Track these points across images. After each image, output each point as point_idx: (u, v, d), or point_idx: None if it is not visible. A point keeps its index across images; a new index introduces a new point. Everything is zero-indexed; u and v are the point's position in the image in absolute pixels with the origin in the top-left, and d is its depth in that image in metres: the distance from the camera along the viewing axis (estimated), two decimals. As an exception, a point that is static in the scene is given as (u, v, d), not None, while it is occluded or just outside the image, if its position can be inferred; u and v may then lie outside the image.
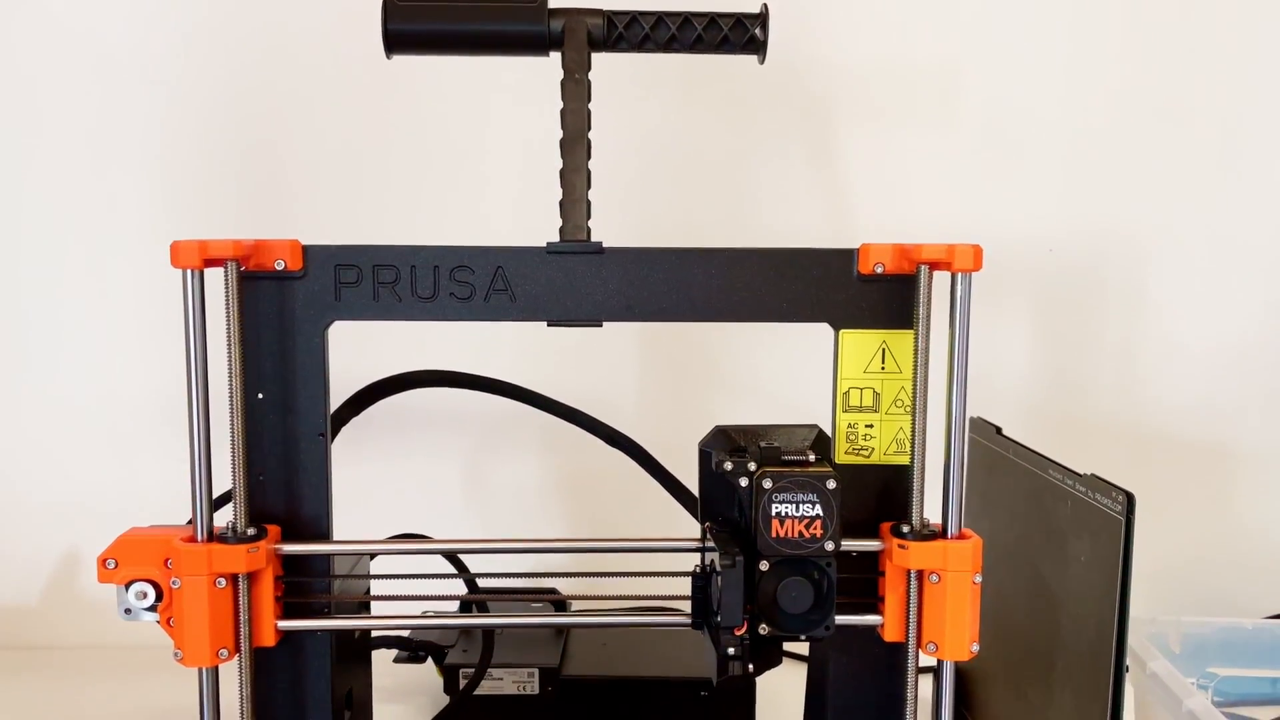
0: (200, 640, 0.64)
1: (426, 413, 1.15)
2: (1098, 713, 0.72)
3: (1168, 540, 1.20)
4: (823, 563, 0.63)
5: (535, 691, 0.96)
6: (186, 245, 0.63)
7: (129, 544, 0.66)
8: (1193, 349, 1.22)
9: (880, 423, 0.70)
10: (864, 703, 0.72)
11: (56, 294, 1.18)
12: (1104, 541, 0.72)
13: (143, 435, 1.19)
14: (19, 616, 1.20)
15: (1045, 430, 1.19)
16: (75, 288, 1.18)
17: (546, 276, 0.68)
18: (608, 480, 0.95)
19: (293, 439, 0.68)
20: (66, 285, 1.18)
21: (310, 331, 0.68)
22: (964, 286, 0.65)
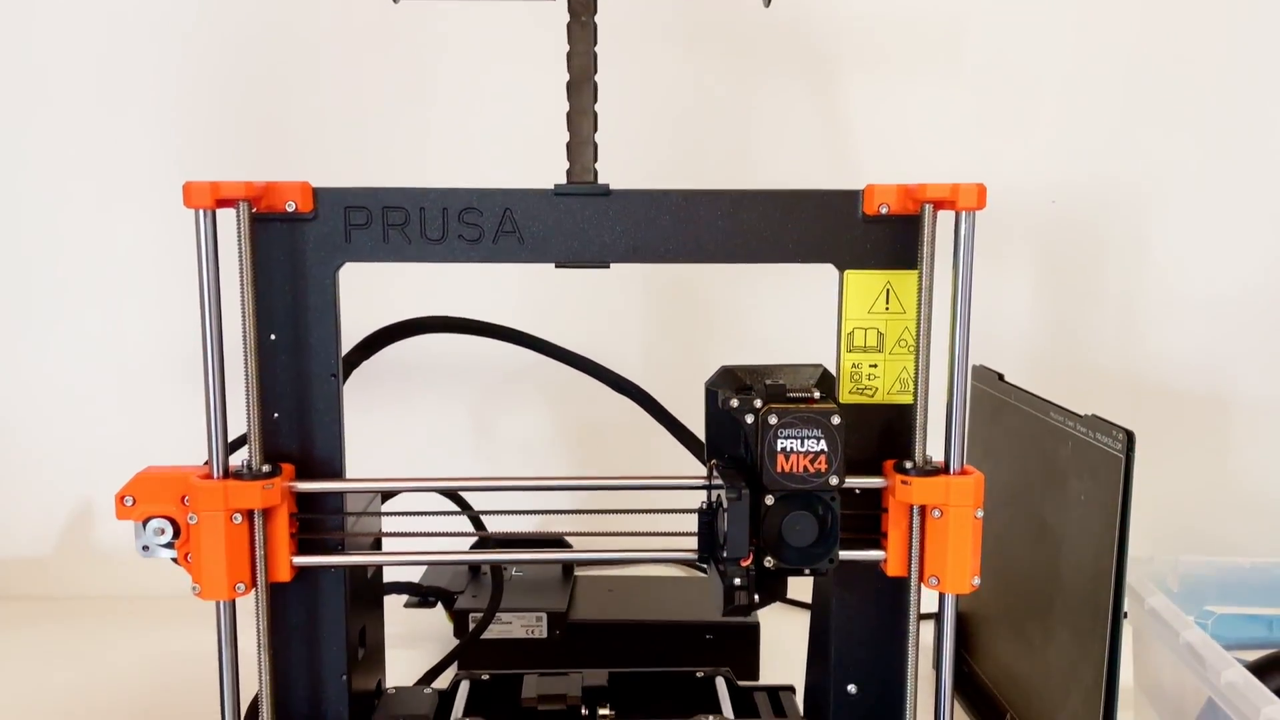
0: (218, 575, 0.66)
1: (435, 361, 1.16)
2: (1096, 649, 0.73)
3: (1165, 486, 1.21)
4: (827, 497, 0.64)
5: (544, 635, 0.97)
6: (199, 186, 0.63)
7: (146, 481, 0.67)
8: (1193, 299, 1.22)
9: (884, 362, 0.71)
10: (867, 639, 0.73)
11: (64, 242, 1.19)
12: (1104, 480, 0.74)
13: (154, 385, 1.20)
14: (35, 567, 1.22)
15: (1047, 379, 1.20)
16: (83, 235, 1.19)
17: (554, 218, 0.69)
18: (615, 428, 0.97)
19: (305, 379, 0.69)
20: (74, 233, 1.19)
21: (321, 273, 0.69)
22: (968, 225, 0.66)
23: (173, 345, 1.19)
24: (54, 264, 1.20)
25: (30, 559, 1.23)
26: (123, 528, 1.19)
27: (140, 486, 0.67)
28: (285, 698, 0.72)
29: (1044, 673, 0.83)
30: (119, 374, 1.21)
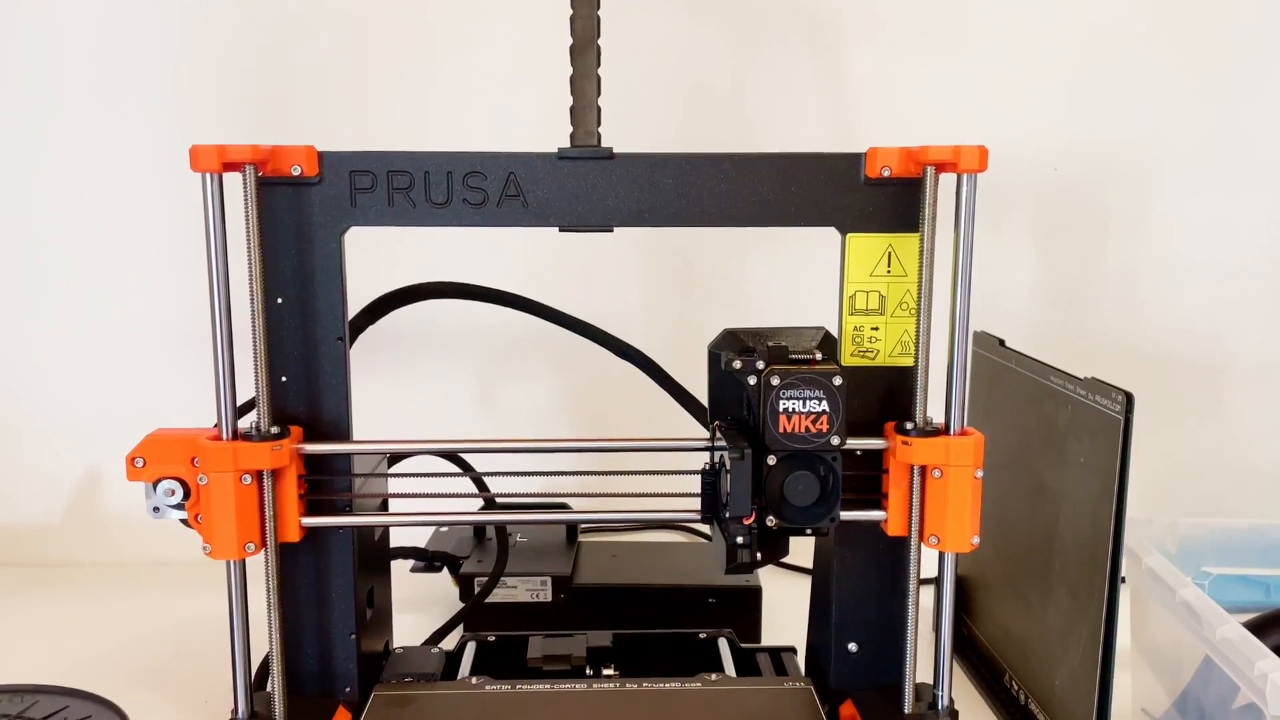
0: (228, 534, 0.67)
1: (440, 326, 1.16)
2: (1094, 609, 0.74)
3: (1164, 450, 1.22)
4: (828, 457, 0.65)
5: (548, 599, 0.99)
6: (205, 149, 0.64)
7: (156, 443, 0.68)
8: (1194, 266, 1.23)
9: (885, 325, 0.72)
10: (867, 598, 0.74)
11: (69, 211, 1.19)
12: (1103, 441, 0.74)
13: (160, 353, 1.21)
14: (43, 535, 1.23)
15: (1048, 345, 1.21)
16: (87, 203, 1.19)
17: (558, 182, 0.70)
18: (617, 392, 0.97)
19: (312, 342, 0.70)
20: (78, 201, 1.19)
21: (327, 237, 0.69)
22: (969, 188, 0.66)
23: (178, 313, 1.20)
24: (58, 233, 1.20)
25: (38, 527, 1.24)
26: (129, 495, 1.21)
27: (150, 448, 0.68)
28: (295, 656, 0.73)
29: (1042, 633, 0.84)
30: (124, 342, 1.21)
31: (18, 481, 1.22)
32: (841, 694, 0.75)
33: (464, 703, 0.73)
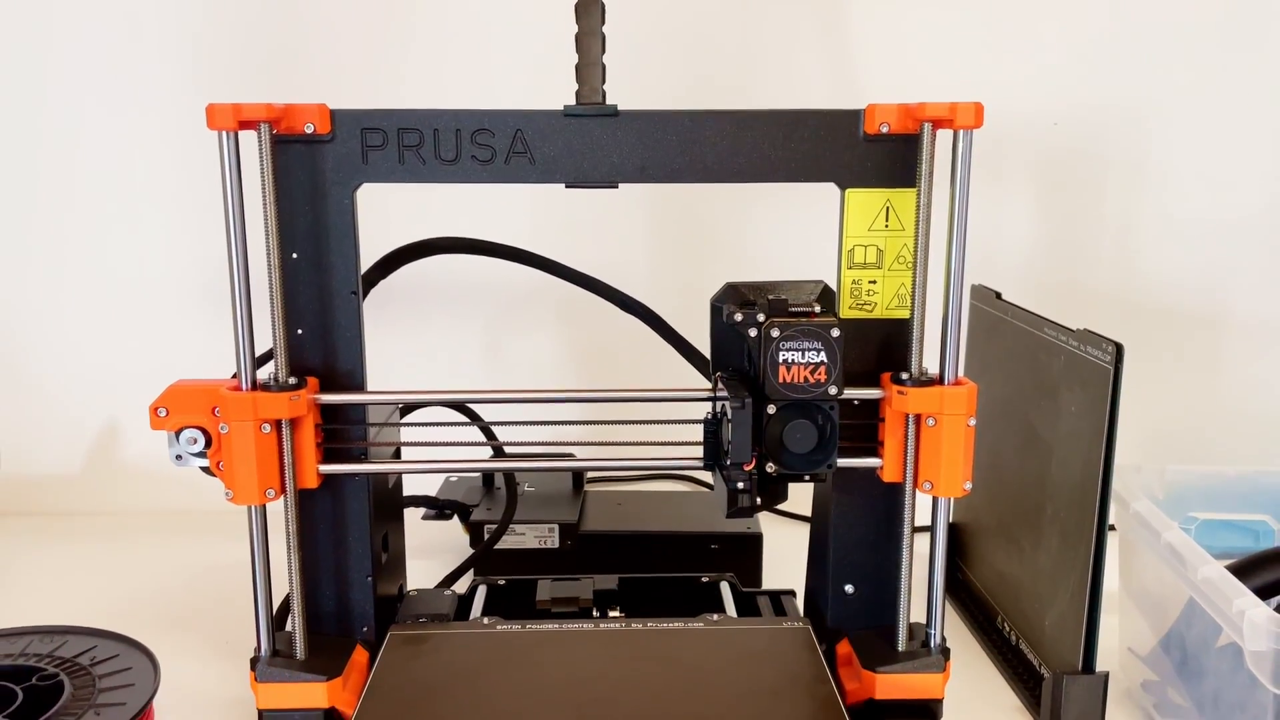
0: (249, 481, 0.69)
1: (448, 282, 1.18)
2: (1082, 553, 0.77)
3: (1159, 399, 1.24)
4: (826, 406, 0.67)
5: (555, 545, 1.02)
6: (221, 108, 0.65)
7: (178, 393, 0.71)
8: (1191, 220, 1.24)
9: (883, 278, 0.74)
10: (865, 538, 0.77)
11: (85, 164, 1.21)
12: (1093, 391, 0.77)
13: (174, 304, 1.23)
14: (62, 485, 1.27)
15: (1043, 299, 1.23)
16: (102, 156, 1.21)
17: (564, 139, 0.71)
18: (622, 345, 0.99)
19: (327, 296, 0.72)
20: (94, 154, 1.20)
21: (340, 193, 0.71)
22: (965, 143, 0.68)
23: (191, 265, 1.22)
24: (74, 187, 1.22)
25: (58, 477, 1.27)
26: (146, 446, 1.25)
27: (172, 398, 0.71)
28: (314, 598, 0.76)
29: (1033, 577, 0.87)
30: (138, 295, 1.23)
31: (37, 433, 1.25)
32: (838, 633, 0.79)
33: (476, 641, 0.76)
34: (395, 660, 0.74)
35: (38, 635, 0.81)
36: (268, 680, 0.72)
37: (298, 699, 0.72)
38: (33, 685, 0.74)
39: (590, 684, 0.71)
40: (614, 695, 0.70)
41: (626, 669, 0.73)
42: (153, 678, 0.75)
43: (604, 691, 0.70)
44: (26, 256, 1.23)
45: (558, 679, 0.72)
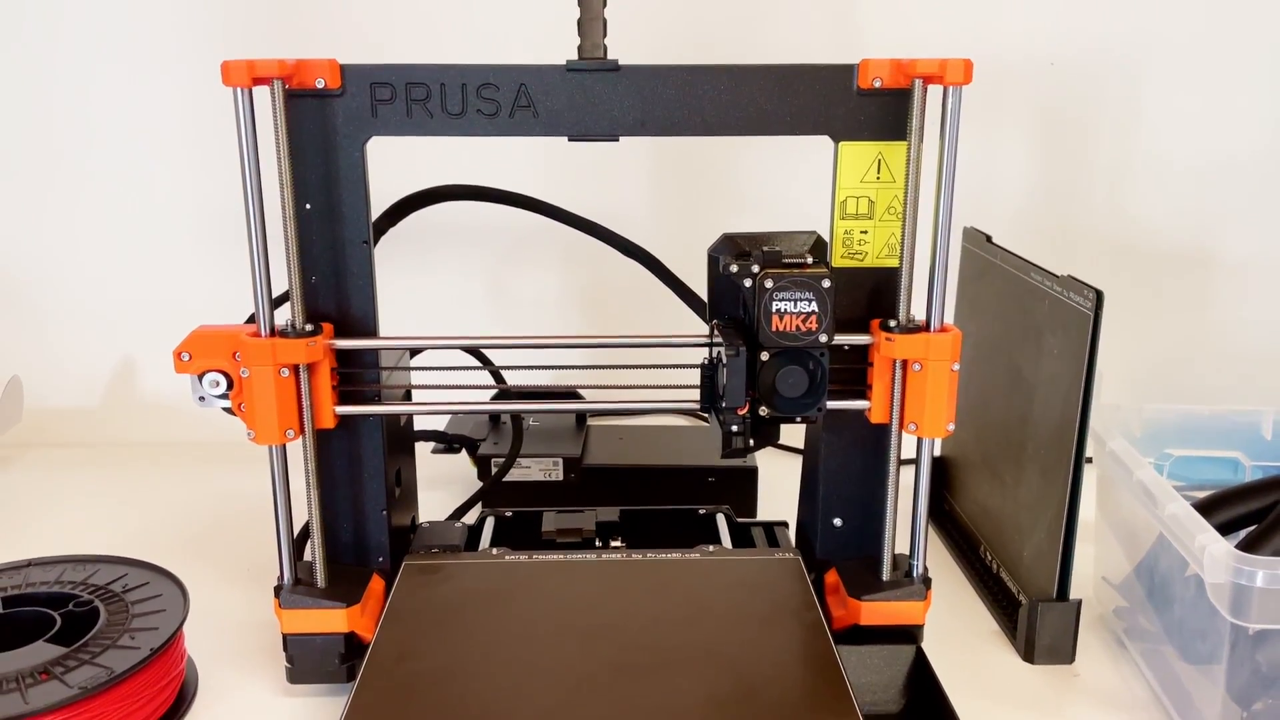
0: (270, 422, 0.73)
1: (453, 226, 1.21)
2: (1060, 487, 0.81)
3: (1147, 339, 1.28)
4: (817, 353, 0.71)
5: (560, 478, 1.06)
6: (236, 65, 0.68)
7: (201, 339, 0.74)
8: (1181, 162, 1.26)
9: (874, 229, 0.76)
10: (852, 475, 0.81)
11: (99, 109, 1.23)
12: (1075, 335, 0.80)
13: (186, 244, 1.26)
14: (82, 417, 1.31)
15: (1036, 239, 1.25)
16: (117, 102, 1.23)
17: (566, 93, 0.73)
18: (623, 287, 1.02)
19: (339, 245, 0.75)
20: (108, 99, 1.22)
21: (350, 146, 0.74)
22: (955, 99, 0.70)
23: (203, 206, 1.25)
24: (87, 128, 1.23)
25: (78, 409, 1.31)
26: (163, 379, 1.29)
27: (195, 343, 0.74)
28: (333, 530, 0.80)
29: (1014, 509, 0.91)
30: (152, 235, 1.26)
31: (58, 367, 1.29)
32: (827, 564, 0.83)
33: (486, 571, 0.81)
34: (410, 588, 0.78)
35: (71, 564, 0.86)
36: (291, 607, 0.76)
37: (320, 624, 0.76)
38: (70, 611, 0.79)
39: (592, 611, 0.76)
40: (615, 622, 0.74)
41: (626, 597, 0.78)
42: (182, 604, 0.80)
43: (605, 618, 0.75)
44: (43, 199, 1.26)
45: (562, 606, 0.76)
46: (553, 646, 0.72)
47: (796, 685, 0.68)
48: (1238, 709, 0.71)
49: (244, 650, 0.84)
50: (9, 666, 0.72)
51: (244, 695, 0.80)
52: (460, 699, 0.66)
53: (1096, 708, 0.79)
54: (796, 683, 0.68)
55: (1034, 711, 0.78)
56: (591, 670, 0.69)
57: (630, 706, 0.65)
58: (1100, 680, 0.82)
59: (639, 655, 0.70)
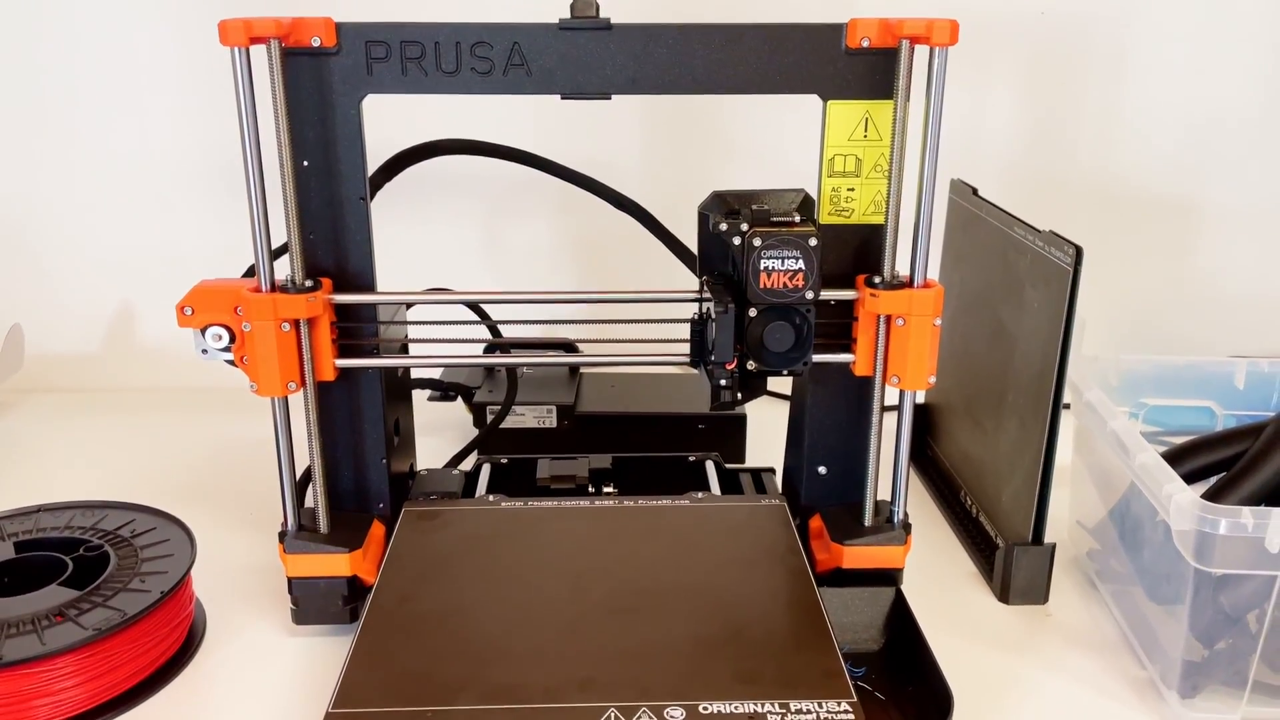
0: (272, 375, 0.75)
1: (448, 177, 1.22)
2: (1037, 436, 0.84)
3: (1130, 288, 1.30)
4: (803, 309, 0.73)
5: (553, 425, 1.09)
6: (234, 24, 0.68)
7: (203, 293, 0.76)
8: (1168, 112, 1.27)
9: (861, 186, 0.78)
10: (837, 425, 0.84)
11: (91, 56, 1.23)
12: (1054, 289, 0.82)
13: (182, 192, 1.27)
14: (83, 363, 1.33)
15: (1024, 188, 1.27)
16: (108, 49, 1.23)
17: (559, 52, 0.74)
18: (614, 235, 1.03)
19: (337, 202, 0.77)
20: (100, 46, 1.22)
21: (346, 104, 0.75)
22: (941, 60, 0.71)
23: (195, 153, 1.25)
24: (80, 75, 1.23)
25: (78, 355, 1.33)
26: (161, 326, 1.30)
27: (198, 298, 0.76)
28: (334, 478, 0.83)
29: (993, 456, 0.94)
30: (146, 182, 1.27)
31: (57, 314, 1.30)
32: (811, 509, 0.86)
33: (483, 517, 0.84)
34: (410, 534, 0.81)
35: (79, 509, 0.88)
36: (295, 552, 0.79)
37: (323, 568, 0.79)
38: (81, 556, 0.82)
39: (585, 555, 0.79)
40: (607, 565, 0.77)
41: (618, 542, 0.81)
42: (190, 549, 0.82)
43: (598, 562, 0.78)
44: (39, 148, 1.26)
45: (557, 551, 0.80)
46: (547, 589, 0.75)
47: (780, 626, 0.71)
48: (1200, 647, 0.74)
49: (249, 593, 0.87)
50: (25, 609, 0.75)
51: (251, 635, 0.83)
52: (460, 639, 0.69)
53: (1067, 646, 0.82)
54: (780, 623, 0.71)
55: (1008, 650, 0.82)
56: (584, 611, 0.72)
57: (621, 645, 0.68)
58: (1072, 620, 0.86)
59: (630, 597, 0.74)
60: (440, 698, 0.62)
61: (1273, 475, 0.80)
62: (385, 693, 0.63)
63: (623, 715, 0.61)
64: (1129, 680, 0.78)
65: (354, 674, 0.65)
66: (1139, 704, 0.76)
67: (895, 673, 0.77)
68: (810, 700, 0.62)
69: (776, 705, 0.61)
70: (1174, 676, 0.74)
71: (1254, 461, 0.81)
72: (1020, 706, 0.75)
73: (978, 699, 0.74)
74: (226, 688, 0.77)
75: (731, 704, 0.62)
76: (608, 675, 0.65)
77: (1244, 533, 0.68)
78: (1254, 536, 0.68)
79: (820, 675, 0.65)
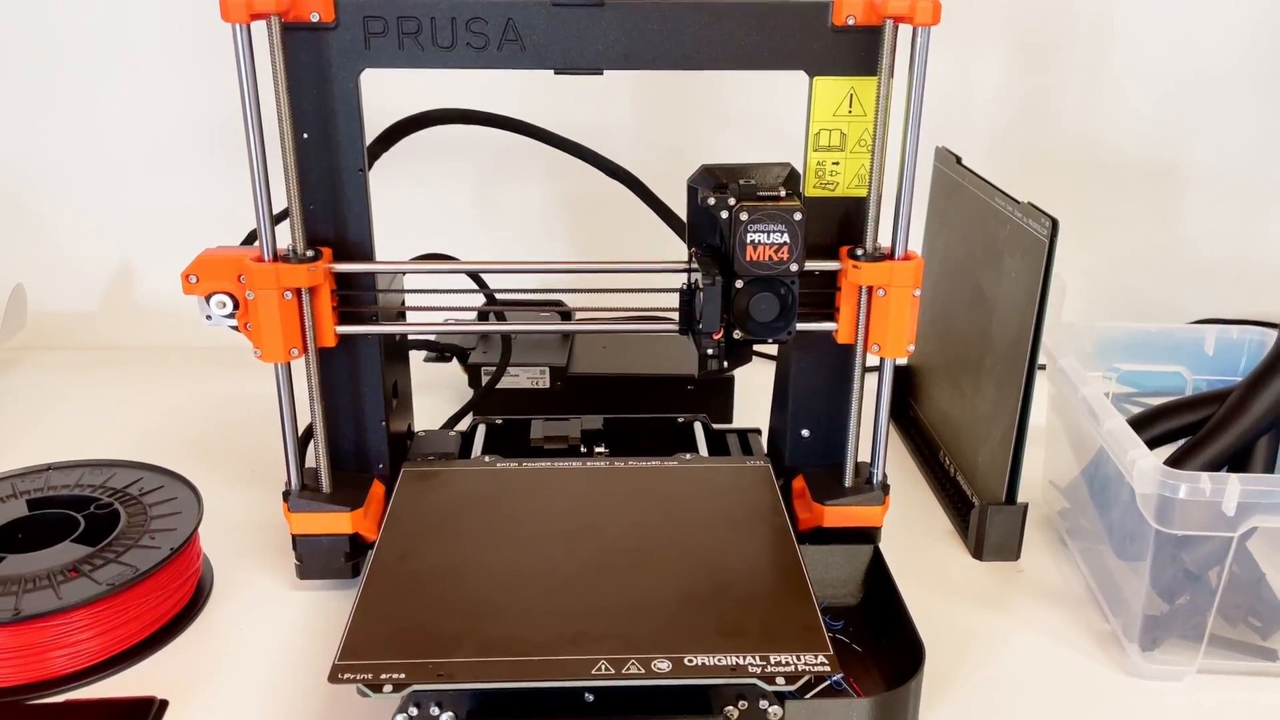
0: (275, 341, 0.78)
1: (441, 142, 1.23)
2: (1012, 401, 0.87)
3: (1112, 252, 1.33)
4: (788, 281, 0.75)
5: (546, 386, 1.12)
6: (234, 1, 0.70)
7: (207, 262, 0.78)
8: (1154, 78, 1.29)
9: (845, 160, 0.80)
10: (820, 391, 0.87)
11: (89, 17, 1.24)
12: (1031, 260, 0.85)
13: (180, 154, 1.28)
14: (83, 321, 1.35)
15: (1009, 154, 1.30)
16: (119, 12, 1.24)
17: (552, 27, 0.76)
18: (607, 204, 1.06)
19: (336, 173, 0.79)
20: (111, 10, 1.24)
21: (345, 78, 0.77)
22: (923, 39, 0.73)
23: (197, 118, 1.26)
24: (91, 35, 1.24)
25: (78, 313, 1.35)
26: (160, 285, 1.33)
27: (202, 267, 0.78)
28: (335, 439, 0.86)
29: (971, 419, 0.98)
30: (148, 144, 1.28)
31: (56, 273, 1.32)
32: (794, 470, 0.89)
33: (479, 477, 0.87)
34: (410, 494, 0.85)
35: (88, 468, 0.91)
36: (299, 510, 0.83)
37: (326, 526, 0.83)
38: (92, 513, 0.85)
39: (577, 514, 0.82)
40: (597, 523, 0.81)
41: (609, 501, 0.84)
42: (197, 507, 0.86)
43: (589, 520, 0.81)
44: (42, 112, 1.27)
45: (550, 509, 0.83)
46: (541, 546, 0.78)
47: (763, 582, 0.75)
48: (1161, 602, 0.79)
49: (254, 548, 0.91)
50: (40, 565, 0.78)
51: (257, 589, 0.86)
52: (458, 594, 0.73)
53: (1037, 600, 0.87)
54: (763, 580, 0.75)
55: (980, 604, 0.86)
56: (577, 567, 0.76)
57: (611, 601, 0.72)
58: (1042, 575, 0.90)
59: (620, 554, 0.77)
60: (441, 650, 0.66)
61: (1235, 440, 0.83)
62: (388, 645, 0.67)
63: (612, 666, 0.64)
64: (1093, 633, 0.83)
65: (358, 628, 0.68)
66: (1102, 656, 0.80)
67: (872, 626, 0.81)
68: (789, 653, 0.66)
69: (757, 658, 0.65)
70: (1135, 630, 0.78)
71: (1217, 427, 0.84)
72: (989, 657, 0.79)
73: (949, 650, 0.79)
74: (235, 639, 0.81)
75: (715, 656, 0.65)
76: (598, 629, 0.68)
77: (1202, 497, 0.71)
78: (1211, 500, 0.71)
79: (799, 629, 0.68)
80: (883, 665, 0.77)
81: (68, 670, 0.76)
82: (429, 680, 0.63)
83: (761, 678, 0.64)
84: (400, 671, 0.64)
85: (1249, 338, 0.96)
